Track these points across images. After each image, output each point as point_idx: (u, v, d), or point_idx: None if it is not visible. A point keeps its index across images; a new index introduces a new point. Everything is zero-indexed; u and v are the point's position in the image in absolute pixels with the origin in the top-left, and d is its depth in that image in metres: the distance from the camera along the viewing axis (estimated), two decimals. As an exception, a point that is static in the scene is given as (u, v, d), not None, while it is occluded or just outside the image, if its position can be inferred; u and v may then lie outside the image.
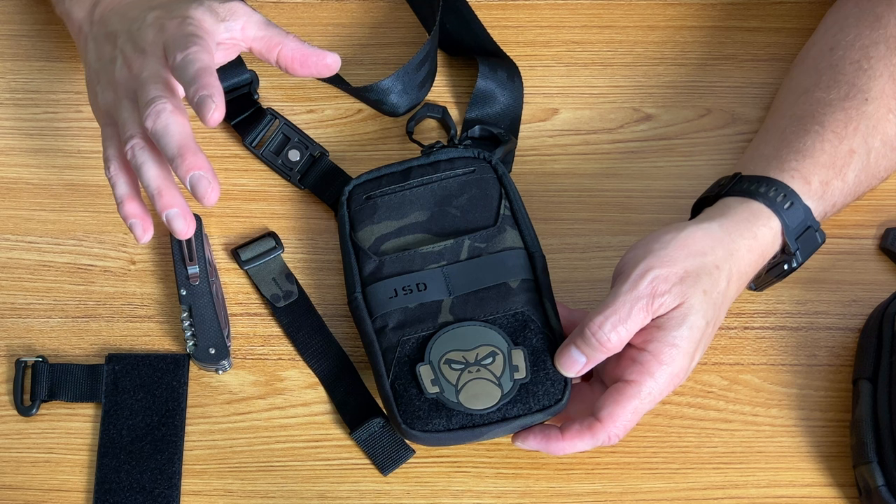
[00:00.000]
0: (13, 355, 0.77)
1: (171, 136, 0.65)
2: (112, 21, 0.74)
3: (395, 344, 0.72)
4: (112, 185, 0.69)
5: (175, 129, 0.65)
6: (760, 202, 0.71)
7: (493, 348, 0.71)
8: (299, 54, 0.73)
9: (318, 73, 0.74)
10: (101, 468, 0.74)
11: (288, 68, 0.74)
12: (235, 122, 0.83)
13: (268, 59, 0.74)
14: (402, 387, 0.71)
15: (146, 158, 0.67)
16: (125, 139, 0.67)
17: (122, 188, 0.69)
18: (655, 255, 0.68)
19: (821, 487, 0.74)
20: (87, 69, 0.74)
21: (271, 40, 0.73)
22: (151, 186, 0.67)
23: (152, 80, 0.67)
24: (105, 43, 0.73)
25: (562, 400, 0.70)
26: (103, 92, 0.71)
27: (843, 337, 0.78)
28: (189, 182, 0.65)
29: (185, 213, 0.67)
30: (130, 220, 0.69)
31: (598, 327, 0.67)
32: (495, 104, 0.84)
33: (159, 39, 0.69)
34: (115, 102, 0.70)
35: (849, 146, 0.74)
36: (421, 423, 0.70)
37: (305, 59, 0.73)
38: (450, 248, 0.75)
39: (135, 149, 0.67)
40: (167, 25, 0.70)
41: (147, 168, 0.67)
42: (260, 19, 0.74)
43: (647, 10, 0.89)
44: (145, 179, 0.67)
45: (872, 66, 0.76)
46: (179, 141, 0.65)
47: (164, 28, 0.70)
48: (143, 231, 0.69)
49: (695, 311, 0.67)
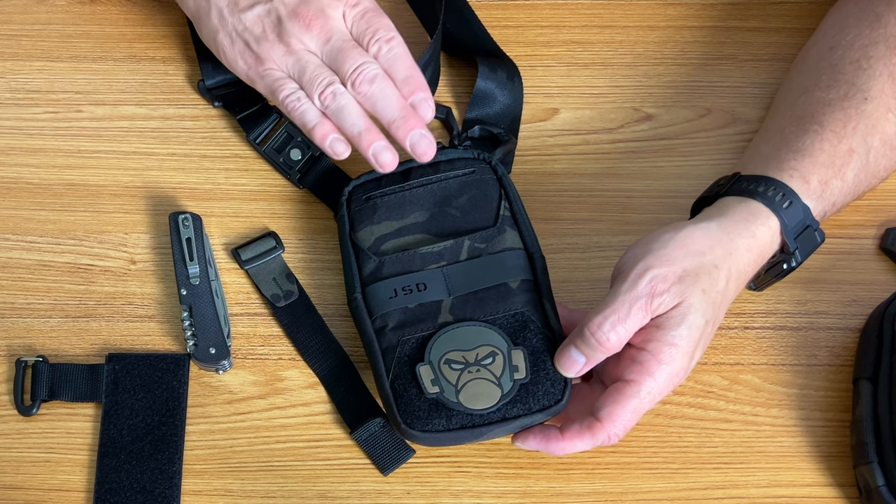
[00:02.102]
0: (13, 355, 0.77)
1: (388, 99, 0.74)
2: None
3: (395, 344, 0.72)
4: (302, 113, 0.75)
5: (390, 94, 0.74)
6: (759, 201, 0.71)
7: (493, 348, 0.71)
8: None
9: None
10: (102, 468, 0.74)
11: None
12: (241, 116, 0.83)
13: None
14: (402, 387, 0.71)
15: (347, 102, 0.74)
16: (321, 84, 0.74)
17: (315, 113, 0.75)
18: (654, 255, 0.68)
19: (821, 487, 0.74)
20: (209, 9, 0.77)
21: None
22: (358, 125, 0.74)
23: (351, 44, 0.75)
24: None
25: (562, 400, 0.70)
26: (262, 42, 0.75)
27: (844, 337, 0.78)
28: (410, 140, 0.74)
29: (390, 146, 0.75)
30: (332, 136, 0.75)
31: (597, 327, 0.67)
32: (495, 104, 0.84)
33: (332, 3, 0.76)
34: (292, 55, 0.75)
35: (848, 145, 0.74)
36: (421, 423, 0.70)
37: None
38: (450, 249, 0.75)
39: (336, 93, 0.74)
40: None
41: (349, 110, 0.74)
42: None
43: (648, 10, 0.89)
44: (349, 120, 0.74)
45: (872, 65, 0.76)
46: (398, 104, 0.74)
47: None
48: (346, 146, 0.75)
49: (694, 311, 0.67)
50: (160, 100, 0.85)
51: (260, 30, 0.76)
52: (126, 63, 0.87)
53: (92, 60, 0.87)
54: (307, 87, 0.75)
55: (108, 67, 0.86)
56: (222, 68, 0.83)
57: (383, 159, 0.75)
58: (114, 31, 0.88)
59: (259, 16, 0.76)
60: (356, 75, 0.74)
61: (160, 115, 0.85)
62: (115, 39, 0.87)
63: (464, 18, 0.85)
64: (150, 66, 0.86)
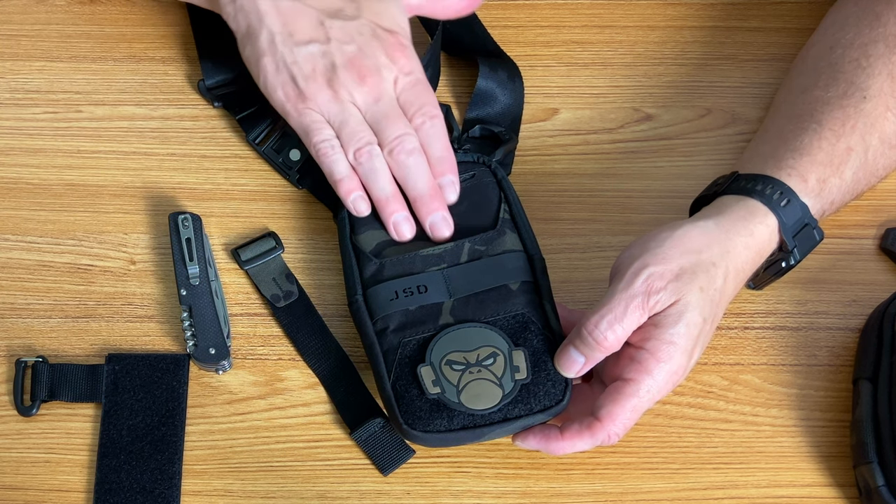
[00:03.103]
0: (13, 355, 0.77)
1: (420, 175, 0.75)
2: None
3: (396, 345, 0.72)
4: (332, 163, 0.75)
5: (423, 170, 0.75)
6: (757, 200, 0.72)
7: (494, 349, 0.71)
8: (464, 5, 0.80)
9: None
10: (102, 468, 0.74)
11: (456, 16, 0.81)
12: (241, 116, 0.83)
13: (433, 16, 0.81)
14: (404, 388, 0.71)
15: (381, 166, 0.75)
16: (359, 140, 0.74)
17: (344, 166, 0.75)
18: (651, 253, 0.69)
19: (821, 487, 0.74)
20: (260, 30, 0.76)
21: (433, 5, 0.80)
22: (387, 190, 0.75)
23: (398, 112, 0.75)
24: (297, 15, 0.76)
25: (563, 400, 0.70)
26: (309, 82, 0.75)
27: (844, 337, 0.78)
28: (430, 220, 0.75)
29: (410, 218, 0.75)
30: (355, 194, 0.75)
31: (594, 326, 0.68)
32: (496, 104, 0.84)
33: (389, 64, 0.76)
34: (337, 104, 0.75)
35: (846, 144, 0.74)
36: (422, 423, 0.70)
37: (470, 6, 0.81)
38: (450, 251, 0.75)
39: (372, 154, 0.74)
40: (386, 44, 0.76)
41: (382, 174, 0.75)
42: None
43: (647, 10, 0.89)
44: (379, 183, 0.75)
45: (871, 64, 0.76)
46: (428, 182, 0.75)
47: (387, 45, 0.76)
48: (368, 206, 0.75)
49: (691, 308, 0.68)
50: (160, 100, 0.85)
51: (310, 69, 0.75)
52: (126, 63, 0.87)
53: (92, 60, 0.87)
54: (345, 140, 0.75)
55: (108, 67, 0.86)
56: (222, 68, 0.83)
57: (402, 230, 0.75)
58: (114, 31, 0.88)
59: (313, 54, 0.75)
60: (396, 144, 0.74)
61: (160, 115, 0.85)
62: (115, 39, 0.88)
63: (464, 18, 0.85)
64: (150, 66, 0.86)
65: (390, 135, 0.75)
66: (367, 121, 0.75)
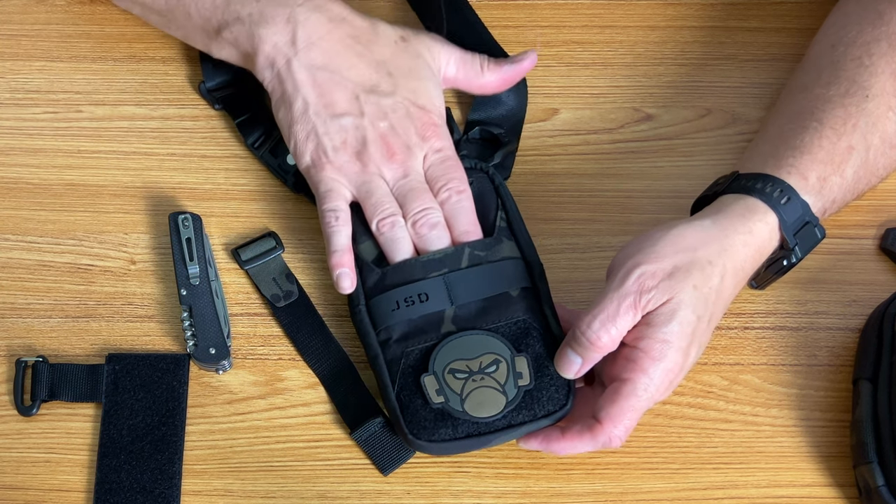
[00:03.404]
0: (13, 355, 0.77)
1: (441, 246, 0.75)
2: (334, 62, 0.77)
3: (400, 356, 0.72)
4: (331, 233, 0.75)
5: (444, 244, 0.75)
6: (756, 198, 0.72)
7: (497, 356, 0.71)
8: (500, 81, 0.81)
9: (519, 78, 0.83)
10: (102, 468, 0.74)
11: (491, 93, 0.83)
12: (239, 121, 0.83)
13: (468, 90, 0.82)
14: (408, 398, 0.71)
15: (403, 236, 0.75)
16: (384, 211, 0.75)
17: (343, 239, 0.75)
18: (644, 253, 0.69)
19: (821, 487, 0.74)
20: (295, 98, 0.76)
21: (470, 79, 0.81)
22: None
23: (424, 188, 0.76)
24: (333, 87, 0.77)
25: (566, 405, 0.70)
26: (339, 153, 0.76)
27: (844, 337, 0.78)
28: None
29: None
30: (342, 270, 0.74)
31: (587, 326, 0.68)
32: (500, 106, 0.84)
33: (420, 142, 0.77)
34: (365, 175, 0.76)
35: (847, 142, 0.74)
36: (427, 432, 0.70)
37: (507, 81, 0.82)
38: (451, 256, 0.74)
39: (395, 224, 0.75)
40: (419, 123, 0.77)
41: (403, 244, 0.75)
42: (458, 56, 0.80)
43: (648, 10, 0.89)
44: (401, 253, 0.75)
45: (874, 62, 0.76)
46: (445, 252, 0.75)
47: (420, 123, 0.77)
48: (353, 283, 0.75)
49: (684, 306, 0.67)
50: (160, 100, 0.85)
51: (340, 141, 0.76)
52: (126, 63, 0.87)
53: (92, 60, 0.87)
54: (369, 210, 0.75)
55: (108, 67, 0.86)
56: (222, 69, 0.83)
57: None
58: (114, 31, 0.88)
59: (345, 127, 0.76)
60: (420, 217, 0.75)
61: (160, 115, 0.85)
62: (115, 39, 0.87)
63: (466, 20, 0.85)
64: (150, 66, 0.86)
65: (415, 208, 0.75)
66: (394, 194, 0.76)
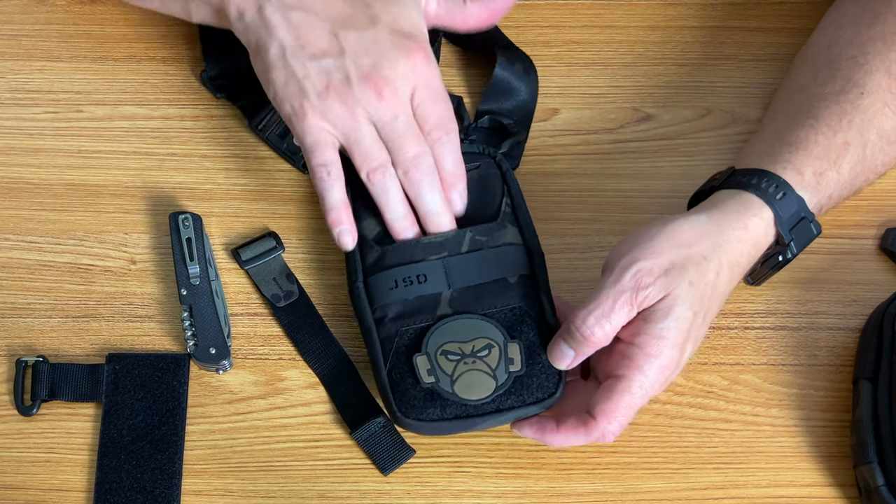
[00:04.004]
0: (14, 355, 0.77)
1: (432, 193, 0.74)
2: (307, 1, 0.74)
3: (394, 334, 0.72)
4: (325, 189, 0.73)
5: (436, 189, 0.74)
6: (752, 193, 0.72)
7: (490, 341, 0.71)
8: (486, 11, 0.78)
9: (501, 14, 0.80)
10: (102, 468, 0.74)
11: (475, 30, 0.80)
12: (242, 103, 0.83)
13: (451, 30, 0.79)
14: (399, 376, 0.71)
15: (394, 186, 0.74)
16: (372, 163, 0.73)
17: (337, 194, 0.73)
18: (640, 248, 0.69)
19: (821, 487, 0.74)
20: (269, 43, 0.74)
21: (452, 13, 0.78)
22: (398, 211, 0.74)
23: (414, 131, 0.74)
24: (309, 28, 0.74)
25: (555, 393, 0.70)
26: (323, 98, 0.73)
27: (844, 337, 0.78)
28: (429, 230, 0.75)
29: (419, 232, 0.75)
30: (342, 227, 0.74)
31: (582, 321, 0.68)
32: (511, 95, 0.84)
33: (408, 74, 0.73)
34: (351, 121, 0.73)
35: (843, 138, 0.74)
36: (416, 411, 0.70)
37: (493, 11, 0.79)
38: (451, 240, 0.75)
39: (386, 175, 0.73)
40: (406, 50, 0.73)
41: (394, 195, 0.74)
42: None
43: (648, 10, 0.89)
44: (391, 204, 0.74)
45: (869, 61, 0.76)
46: (439, 199, 0.74)
47: (406, 53, 0.73)
48: (354, 238, 0.74)
49: (681, 302, 0.67)
50: (160, 100, 0.85)
51: (323, 84, 0.73)
52: (126, 63, 0.87)
53: (92, 60, 0.87)
54: (358, 159, 0.73)
55: (108, 67, 0.86)
56: (224, 57, 0.83)
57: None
58: (114, 31, 0.88)
59: (326, 69, 0.73)
60: (412, 165, 0.73)
61: (160, 115, 0.85)
62: (115, 39, 0.88)
63: None
64: (150, 66, 0.87)
65: (406, 155, 0.74)
66: (382, 138, 0.74)
